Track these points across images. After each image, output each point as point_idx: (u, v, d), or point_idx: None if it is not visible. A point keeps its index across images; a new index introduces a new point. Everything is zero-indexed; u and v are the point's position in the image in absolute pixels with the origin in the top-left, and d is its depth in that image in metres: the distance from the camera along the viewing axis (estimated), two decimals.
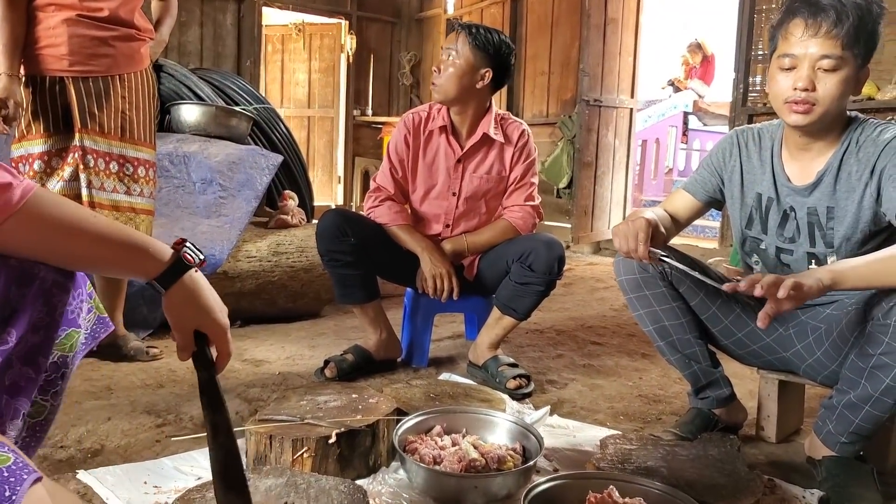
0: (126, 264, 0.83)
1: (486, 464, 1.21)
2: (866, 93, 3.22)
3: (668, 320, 1.45)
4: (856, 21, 1.18)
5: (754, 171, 1.42)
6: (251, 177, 2.77)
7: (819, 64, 1.21)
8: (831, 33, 1.19)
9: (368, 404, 1.39)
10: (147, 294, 2.27)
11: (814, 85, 1.22)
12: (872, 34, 1.21)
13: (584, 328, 2.66)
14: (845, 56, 1.20)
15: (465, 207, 2.01)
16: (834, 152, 1.30)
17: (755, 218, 1.42)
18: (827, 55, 1.20)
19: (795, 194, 1.36)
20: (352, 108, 6.68)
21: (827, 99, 1.22)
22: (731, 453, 1.30)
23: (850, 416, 1.23)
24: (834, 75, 1.21)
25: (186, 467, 1.30)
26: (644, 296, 1.46)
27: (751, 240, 1.45)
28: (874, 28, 1.21)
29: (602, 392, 1.89)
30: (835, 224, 1.31)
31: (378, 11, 6.74)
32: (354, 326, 2.47)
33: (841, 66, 1.20)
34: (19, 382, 0.78)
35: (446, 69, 1.91)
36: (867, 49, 1.22)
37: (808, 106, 1.23)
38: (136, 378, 1.86)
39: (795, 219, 1.37)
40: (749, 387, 1.81)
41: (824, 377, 1.37)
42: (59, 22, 1.79)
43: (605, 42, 4.72)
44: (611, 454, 1.29)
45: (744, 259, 1.51)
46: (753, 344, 1.46)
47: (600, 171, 4.88)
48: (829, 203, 1.31)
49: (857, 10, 1.19)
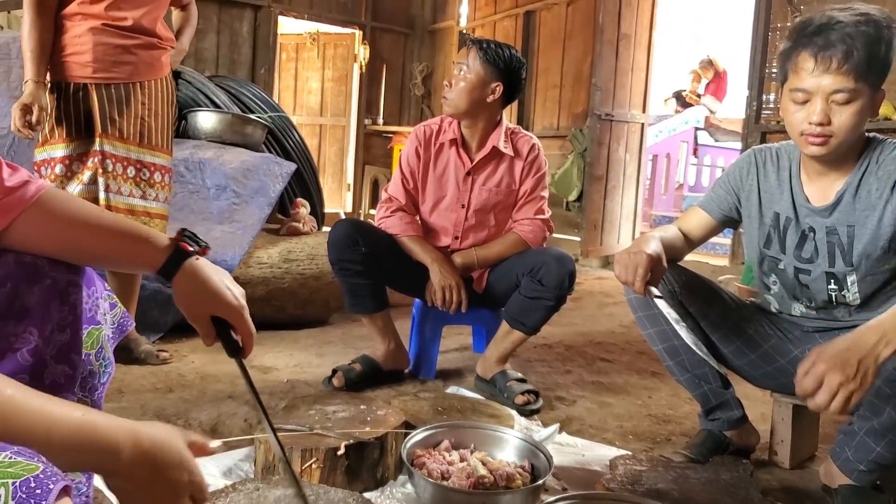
0: (131, 256, 0.85)
1: (495, 481, 1.20)
2: (883, 113, 3.21)
3: (678, 339, 1.43)
4: (866, 52, 1.16)
5: (772, 190, 1.41)
6: (265, 184, 2.78)
7: (833, 98, 1.20)
8: (842, 69, 1.17)
9: (377, 416, 1.39)
10: (159, 297, 2.28)
11: (829, 118, 1.21)
12: (885, 60, 1.20)
13: (592, 344, 2.64)
14: (858, 87, 1.18)
15: (474, 220, 2.01)
16: (853, 172, 1.30)
17: (773, 237, 1.42)
18: (840, 89, 1.18)
19: (815, 215, 1.35)
20: (363, 117, 6.72)
21: (843, 131, 1.21)
22: (743, 478, 1.29)
23: (872, 444, 1.21)
24: (848, 107, 1.19)
25: None
26: (653, 314, 1.45)
27: (769, 259, 1.44)
28: (887, 54, 1.19)
29: (611, 410, 1.88)
30: (854, 242, 1.31)
31: (391, 22, 6.79)
32: (362, 335, 2.47)
33: (855, 98, 1.19)
34: (58, 381, 0.79)
35: (457, 83, 1.93)
36: (881, 75, 1.21)
37: (824, 138, 1.22)
38: (146, 381, 1.86)
39: (814, 239, 1.36)
40: (762, 409, 1.79)
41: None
42: (85, 30, 1.84)
43: (617, 57, 4.73)
44: (621, 475, 1.27)
45: (761, 279, 1.50)
46: (767, 366, 1.45)
47: (610, 185, 4.88)
48: (848, 222, 1.31)
49: (866, 41, 1.16)
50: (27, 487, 0.51)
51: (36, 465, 0.53)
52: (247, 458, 1.36)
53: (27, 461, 0.53)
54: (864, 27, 1.16)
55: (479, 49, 1.92)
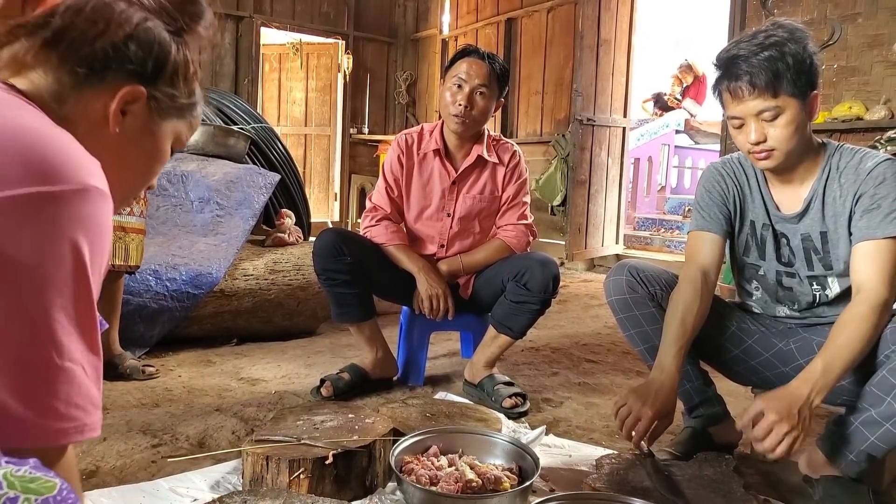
0: None
1: (483, 484, 1.22)
2: (855, 112, 3.28)
3: (658, 339, 1.46)
4: (771, 74, 1.22)
5: (746, 199, 1.45)
6: (249, 196, 2.78)
7: (761, 117, 1.26)
8: (754, 93, 1.24)
9: (365, 424, 1.39)
10: (144, 312, 2.28)
11: (764, 136, 1.27)
12: (800, 70, 1.23)
13: (578, 346, 2.67)
14: (780, 102, 1.24)
15: (458, 227, 2.03)
16: (817, 178, 1.33)
17: (751, 245, 1.45)
18: (763, 109, 1.25)
19: (786, 222, 1.39)
20: (348, 127, 6.74)
21: (781, 142, 1.27)
22: (726, 473, 1.31)
23: (866, 434, 1.22)
24: (778, 122, 1.25)
25: (182, 489, 1.29)
26: (634, 315, 1.47)
27: (749, 266, 1.47)
28: (799, 64, 1.23)
29: (597, 411, 1.90)
30: (831, 248, 1.34)
31: (375, 32, 6.82)
32: (350, 344, 2.47)
33: (781, 112, 1.25)
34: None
35: (479, 104, 1.91)
36: (802, 83, 1.24)
37: (766, 153, 1.29)
38: (131, 397, 1.85)
39: (789, 245, 1.39)
40: (744, 404, 1.82)
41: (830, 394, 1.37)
42: None
43: (598, 62, 4.79)
44: (606, 474, 1.29)
45: (742, 286, 1.52)
46: (751, 360, 1.47)
47: (594, 189, 4.92)
48: (821, 228, 1.34)
49: (769, 65, 1.22)
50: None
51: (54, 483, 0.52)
52: (234, 471, 1.36)
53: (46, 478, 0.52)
54: (764, 53, 1.23)
55: (491, 65, 1.92)
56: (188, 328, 2.41)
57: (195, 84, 0.81)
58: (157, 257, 2.35)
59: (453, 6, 6.25)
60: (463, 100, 1.90)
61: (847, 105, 3.33)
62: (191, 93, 0.80)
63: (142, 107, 0.75)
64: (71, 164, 0.60)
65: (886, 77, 3.32)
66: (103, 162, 0.66)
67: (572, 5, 4.96)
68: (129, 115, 0.74)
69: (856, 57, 3.43)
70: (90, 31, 0.71)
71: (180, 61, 0.78)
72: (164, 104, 0.77)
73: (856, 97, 3.39)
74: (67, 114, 0.72)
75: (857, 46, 3.42)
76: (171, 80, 0.77)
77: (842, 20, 3.46)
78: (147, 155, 0.79)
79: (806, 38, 1.26)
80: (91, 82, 0.72)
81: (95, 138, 0.72)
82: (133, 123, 0.75)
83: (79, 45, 0.71)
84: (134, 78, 0.74)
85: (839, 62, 3.49)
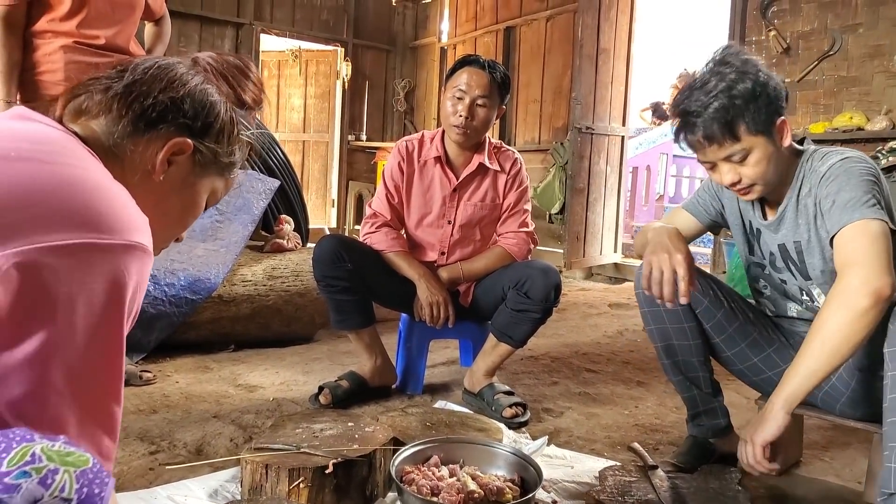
0: None
1: (485, 496, 1.20)
2: (856, 123, 3.29)
3: (677, 339, 1.45)
4: (724, 124, 1.20)
5: (746, 202, 1.44)
6: (248, 201, 2.77)
7: (730, 160, 1.24)
8: (714, 145, 1.23)
9: (365, 433, 1.38)
10: (142, 318, 2.25)
11: (739, 176, 1.25)
12: (756, 107, 1.20)
13: (578, 355, 2.65)
14: (745, 144, 1.22)
15: (459, 235, 2.02)
16: (790, 187, 1.31)
17: (755, 245, 1.44)
18: (728, 155, 1.23)
19: (767, 230, 1.38)
20: (346, 133, 6.74)
21: (758, 178, 1.25)
22: (731, 486, 1.30)
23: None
24: (748, 161, 1.23)
25: (180, 497, 1.27)
26: (658, 312, 1.46)
27: (754, 265, 1.46)
28: (754, 102, 1.20)
29: (598, 421, 1.89)
30: (806, 257, 1.32)
31: (373, 39, 6.84)
32: (348, 351, 2.45)
33: (750, 151, 1.22)
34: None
35: (480, 115, 1.91)
36: (766, 115, 1.21)
37: (746, 189, 1.27)
38: (129, 403, 1.83)
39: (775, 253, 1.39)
40: (747, 415, 1.81)
41: (842, 405, 1.35)
42: (56, 48, 1.81)
43: (597, 71, 4.80)
44: (610, 486, 1.28)
45: (752, 285, 1.51)
46: (769, 370, 1.46)
47: (592, 198, 4.93)
48: (794, 237, 1.32)
49: (721, 114, 1.20)
50: (87, 477, 0.54)
51: (87, 458, 0.55)
52: (233, 479, 1.34)
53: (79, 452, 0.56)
54: (713, 104, 1.20)
55: (492, 75, 1.91)
56: (186, 334, 2.39)
57: (237, 146, 0.89)
58: (155, 262, 2.31)
59: (452, 14, 6.27)
60: (464, 111, 1.89)
61: (848, 115, 3.34)
62: (232, 152, 0.88)
63: (187, 159, 0.82)
64: (122, 220, 0.66)
65: (888, 87, 3.34)
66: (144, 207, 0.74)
67: (571, 14, 4.98)
68: (174, 166, 0.81)
69: (856, 67, 3.45)
70: (154, 86, 0.80)
71: (227, 121, 0.86)
72: (207, 159, 0.84)
73: (857, 107, 3.40)
74: (121, 159, 0.79)
75: (857, 57, 3.44)
76: (216, 138, 0.85)
77: (842, 30, 3.48)
78: (184, 205, 0.86)
79: (755, 69, 1.22)
80: (146, 132, 0.79)
81: (141, 185, 0.80)
82: (176, 174, 0.82)
83: (142, 98, 0.79)
84: (184, 131, 0.81)
85: (840, 72, 3.50)
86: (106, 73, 0.82)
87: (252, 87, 0.93)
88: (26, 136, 0.71)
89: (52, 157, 0.68)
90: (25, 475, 0.51)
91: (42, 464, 0.52)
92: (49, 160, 0.67)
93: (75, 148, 0.72)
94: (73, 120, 0.80)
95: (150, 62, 0.83)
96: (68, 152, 0.70)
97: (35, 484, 0.51)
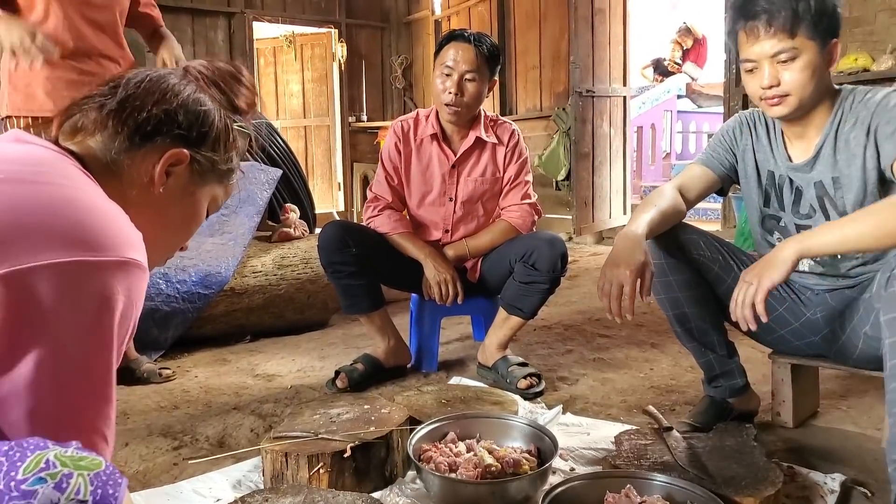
0: None
1: (502, 469, 1.21)
2: (861, 64, 3.20)
3: (689, 307, 1.44)
4: (791, 12, 1.19)
5: (764, 150, 1.42)
6: (251, 192, 2.78)
7: (777, 59, 1.23)
8: (771, 32, 1.21)
9: (381, 415, 1.39)
10: (156, 316, 2.29)
11: (778, 80, 1.24)
12: (822, 13, 1.20)
13: (591, 321, 2.65)
14: (798, 44, 1.21)
15: (462, 212, 2.01)
16: (829, 123, 1.30)
17: (772, 195, 1.42)
18: (779, 51, 1.22)
19: (799, 172, 1.36)
20: (347, 115, 6.69)
21: (796, 87, 1.24)
22: (748, 443, 1.30)
23: None
24: (794, 64, 1.22)
25: (205, 489, 1.30)
26: (668, 281, 1.45)
27: (769, 218, 1.44)
28: (822, 7, 1.20)
29: (614, 386, 1.89)
30: (843, 192, 1.30)
31: (366, 17, 6.74)
32: (363, 334, 2.47)
33: (798, 55, 1.22)
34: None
35: (470, 90, 1.89)
36: (823, 26, 1.21)
37: (779, 98, 1.26)
38: (150, 401, 1.87)
39: (806, 196, 1.36)
40: (763, 370, 1.80)
41: (855, 361, 1.34)
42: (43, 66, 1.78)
43: (593, 33, 4.71)
44: (626, 450, 1.29)
45: (764, 237, 1.48)
46: (781, 329, 1.45)
47: (598, 161, 4.87)
48: (833, 174, 1.30)
49: (789, 2, 1.19)
50: (100, 479, 0.56)
51: (100, 461, 0.57)
52: (255, 469, 1.37)
53: (92, 456, 0.57)
54: None
55: (482, 51, 1.88)
56: (202, 328, 2.42)
57: (234, 152, 0.89)
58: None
59: None
60: (453, 87, 1.87)
61: (853, 57, 3.25)
62: (229, 159, 0.89)
63: (184, 169, 0.83)
64: (114, 237, 0.67)
65: (892, 25, 3.23)
66: (145, 220, 0.75)
67: None
68: (172, 177, 0.82)
69: (859, 7, 3.34)
70: (147, 100, 0.80)
71: (222, 129, 0.86)
72: (205, 168, 0.85)
73: (861, 48, 3.30)
74: (119, 175, 0.79)
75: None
76: (212, 146, 0.85)
77: None
78: (185, 215, 0.87)
79: None
80: (142, 145, 0.80)
81: (141, 198, 0.80)
82: (175, 185, 0.83)
83: (136, 113, 0.80)
84: (180, 142, 0.81)
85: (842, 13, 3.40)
86: (98, 89, 0.82)
87: (245, 92, 0.92)
88: (18, 158, 0.71)
89: (43, 177, 0.69)
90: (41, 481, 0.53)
91: (56, 469, 0.54)
92: (39, 180, 0.68)
93: (66, 167, 0.73)
94: (70, 139, 0.81)
95: (142, 76, 0.83)
96: (59, 172, 0.71)
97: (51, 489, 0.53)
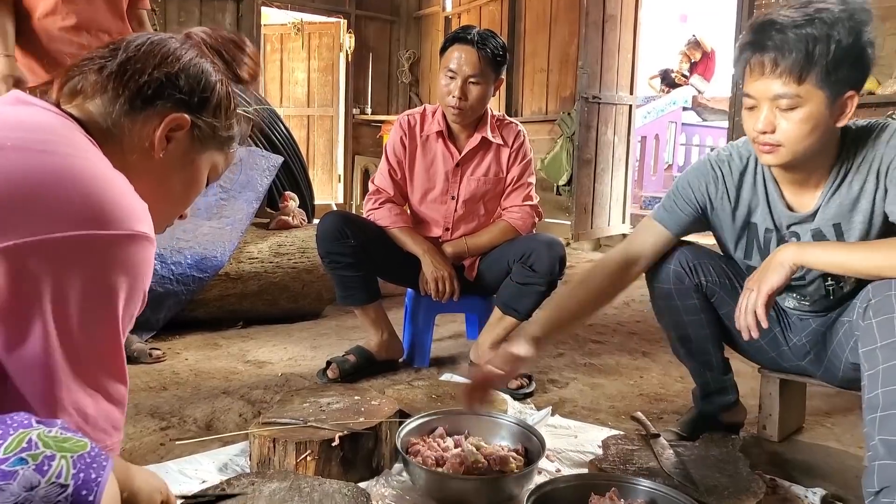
0: None
1: (489, 466, 1.22)
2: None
3: (693, 330, 1.43)
4: (802, 55, 1.05)
5: (747, 198, 1.31)
6: (252, 178, 2.77)
7: (777, 103, 1.10)
8: (776, 71, 1.08)
9: (371, 406, 1.40)
10: (150, 297, 2.27)
11: (773, 126, 1.12)
12: (841, 61, 1.05)
13: (584, 326, 2.66)
14: (803, 92, 1.08)
15: (463, 210, 2.01)
16: (834, 172, 1.19)
17: (753, 248, 1.33)
18: (781, 95, 1.09)
19: (799, 222, 1.26)
20: (351, 107, 6.68)
21: (790, 140, 1.11)
22: (732, 454, 1.31)
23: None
24: (793, 114, 1.10)
25: (191, 470, 1.30)
26: (675, 306, 1.41)
27: (751, 269, 1.33)
28: (843, 55, 1.05)
29: (603, 391, 1.90)
30: (846, 237, 1.21)
31: (376, 10, 6.73)
32: (356, 326, 2.47)
33: (800, 104, 1.08)
34: None
35: (474, 94, 1.87)
36: (843, 77, 1.07)
37: (771, 147, 1.14)
38: (139, 381, 1.86)
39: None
40: (751, 384, 1.81)
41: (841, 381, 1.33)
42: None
43: (603, 39, 4.71)
44: (613, 454, 1.29)
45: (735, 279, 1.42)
46: (772, 351, 1.44)
47: (600, 168, 4.88)
48: (834, 221, 1.21)
49: (805, 43, 1.05)
50: (84, 462, 0.55)
51: (85, 442, 0.56)
52: (242, 453, 1.37)
53: (76, 437, 0.56)
54: (805, 29, 1.06)
55: (486, 54, 1.86)
56: (194, 311, 2.42)
57: (235, 119, 0.88)
58: (161, 241, 2.34)
59: None
60: (456, 91, 1.86)
61: None
62: (230, 126, 0.88)
63: (185, 135, 0.81)
64: (122, 210, 0.66)
65: None
66: (145, 186, 0.74)
67: None
68: (172, 142, 0.81)
69: None
70: (148, 63, 0.79)
71: (223, 95, 0.85)
72: (206, 134, 0.84)
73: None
74: (119, 139, 0.78)
75: None
76: (213, 112, 0.84)
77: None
78: (186, 182, 0.85)
79: (866, 23, 1.06)
80: (143, 109, 0.79)
81: (141, 164, 0.79)
82: (176, 150, 0.82)
83: (137, 76, 0.78)
84: (181, 107, 0.80)
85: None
86: (99, 52, 0.80)
87: (248, 62, 0.91)
88: (22, 123, 0.70)
89: (49, 146, 0.67)
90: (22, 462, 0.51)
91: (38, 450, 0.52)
92: (48, 149, 0.66)
93: (72, 135, 0.71)
94: (69, 101, 0.79)
95: (143, 39, 0.81)
96: (65, 140, 0.70)
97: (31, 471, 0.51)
